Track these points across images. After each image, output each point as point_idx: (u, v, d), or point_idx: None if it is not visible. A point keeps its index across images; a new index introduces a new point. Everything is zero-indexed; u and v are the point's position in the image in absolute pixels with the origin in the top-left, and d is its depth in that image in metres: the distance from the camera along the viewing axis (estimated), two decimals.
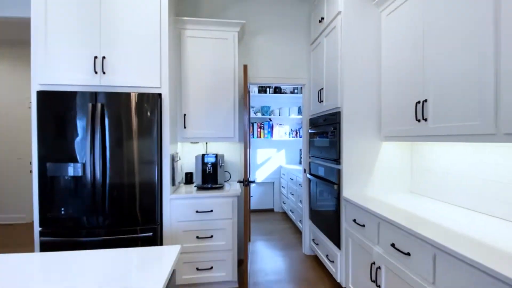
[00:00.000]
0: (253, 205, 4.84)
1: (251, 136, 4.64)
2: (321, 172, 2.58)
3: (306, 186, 3.06)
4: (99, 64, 2.13)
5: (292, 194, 4.00)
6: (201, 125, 2.54)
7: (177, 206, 2.23)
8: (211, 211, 2.25)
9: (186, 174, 2.75)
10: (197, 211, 2.24)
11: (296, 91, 4.74)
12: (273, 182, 4.88)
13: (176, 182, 2.40)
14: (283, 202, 4.65)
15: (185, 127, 2.52)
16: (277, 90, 4.66)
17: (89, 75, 2.13)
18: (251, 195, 4.81)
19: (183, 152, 2.88)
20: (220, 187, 2.46)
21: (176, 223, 2.23)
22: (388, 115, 2.07)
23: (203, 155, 2.46)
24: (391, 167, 2.22)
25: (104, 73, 2.13)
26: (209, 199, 2.27)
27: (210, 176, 2.47)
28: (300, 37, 3.04)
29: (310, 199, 2.97)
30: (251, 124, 4.64)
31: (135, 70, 2.17)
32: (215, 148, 2.92)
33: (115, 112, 2.06)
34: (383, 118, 2.13)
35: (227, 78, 2.58)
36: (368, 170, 2.19)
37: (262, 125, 4.66)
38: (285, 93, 4.71)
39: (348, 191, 2.16)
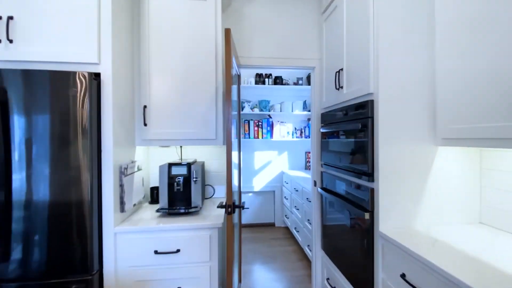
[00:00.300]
0: (250, 219, 4.09)
1: (246, 136, 3.89)
2: (340, 188, 1.82)
3: (317, 204, 2.29)
4: (2, 28, 1.38)
5: (298, 209, 3.23)
6: (169, 122, 1.79)
7: (127, 242, 1.49)
8: (178, 251, 1.50)
9: (152, 189, 2.00)
10: (156, 252, 1.49)
11: (300, 82, 3.97)
12: (274, 191, 4.12)
13: (129, 205, 1.65)
14: (285, 216, 3.89)
15: (145, 125, 1.77)
16: (278, 81, 3.89)
17: None
18: (246, 206, 4.06)
19: (148, 159, 2.13)
20: (195, 212, 1.71)
21: (126, 269, 1.49)
22: (449, 104, 1.30)
23: (169, 165, 1.71)
24: (450, 186, 1.45)
25: (10, 41, 1.38)
26: (174, 232, 1.52)
27: (180, 195, 1.71)
28: (307, 4, 2.27)
29: (323, 222, 2.21)
30: (246, 121, 3.89)
31: (59, 38, 1.42)
32: (192, 153, 2.17)
33: (23, 99, 1.32)
34: (440, 110, 1.37)
35: (206, 57, 1.83)
36: (417, 189, 1.42)
37: (260, 123, 3.91)
38: (288, 84, 3.95)
39: (386, 224, 1.40)
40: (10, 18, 1.39)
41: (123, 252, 1.48)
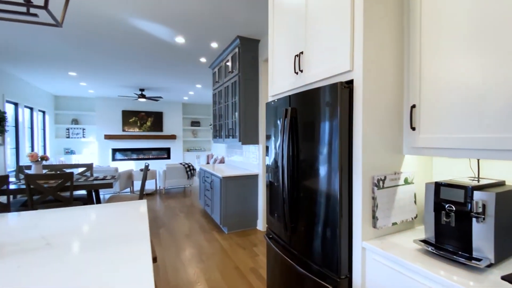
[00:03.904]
0: None
1: None
2: None
3: None
4: (296, 63, 1.86)
5: None
6: (448, 122, 1.27)
7: (373, 264, 1.31)
8: None
9: None
10: None
11: None
12: None
13: (384, 222, 1.40)
14: None
15: (413, 129, 1.41)
16: None
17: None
18: None
19: (431, 172, 1.66)
20: (475, 267, 1.04)
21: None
22: None
23: (437, 185, 1.20)
24: None
25: (301, 71, 1.82)
26: (430, 282, 1.05)
27: (451, 231, 1.14)
28: None
29: None
30: None
31: (326, 59, 1.60)
32: (504, 171, 1.33)
33: (301, 113, 1.68)
34: None
35: None
36: None
37: None
38: None
39: None
40: (301, 53, 1.82)
41: (370, 271, 1.32)
